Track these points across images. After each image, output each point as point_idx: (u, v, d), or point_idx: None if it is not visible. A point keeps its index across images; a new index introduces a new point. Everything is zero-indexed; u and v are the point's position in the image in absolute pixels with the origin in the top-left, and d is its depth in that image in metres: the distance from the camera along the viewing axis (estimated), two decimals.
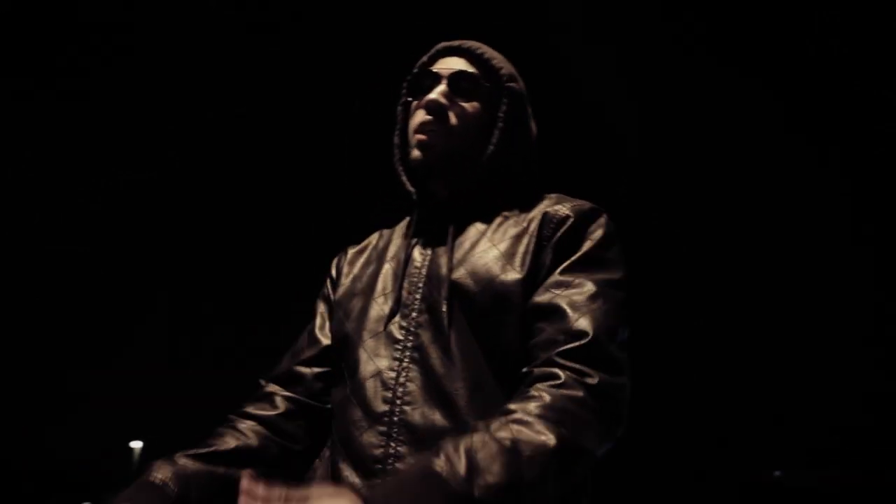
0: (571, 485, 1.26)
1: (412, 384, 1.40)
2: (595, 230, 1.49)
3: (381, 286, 1.54)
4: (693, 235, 2.96)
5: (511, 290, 1.41)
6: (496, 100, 1.59)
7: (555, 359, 1.29)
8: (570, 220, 1.48)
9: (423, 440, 1.33)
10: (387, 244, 1.63)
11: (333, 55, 3.21)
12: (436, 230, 1.55)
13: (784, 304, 3.23)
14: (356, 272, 1.60)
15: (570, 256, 1.44)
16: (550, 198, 1.59)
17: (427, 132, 1.50)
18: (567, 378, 1.27)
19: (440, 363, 1.40)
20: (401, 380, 1.41)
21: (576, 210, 1.51)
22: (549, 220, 1.49)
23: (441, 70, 1.57)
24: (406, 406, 1.40)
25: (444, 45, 1.64)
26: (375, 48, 3.23)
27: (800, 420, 4.99)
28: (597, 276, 1.42)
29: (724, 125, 3.28)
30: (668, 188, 3.12)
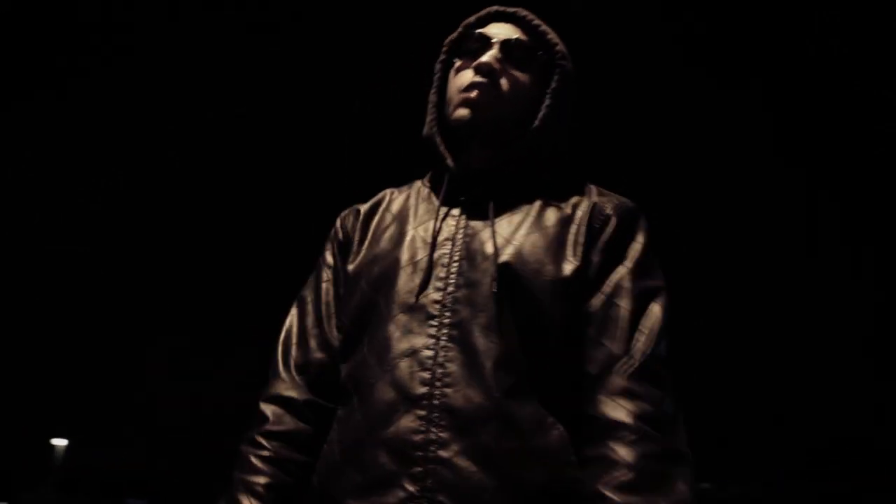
0: None
1: (452, 364, 1.31)
2: (641, 233, 1.45)
3: (409, 254, 1.41)
4: (693, 235, 2.95)
5: (561, 281, 1.35)
6: (547, 75, 1.52)
7: (618, 388, 1.25)
8: (619, 220, 1.42)
9: (465, 425, 1.25)
10: (404, 206, 1.50)
11: (333, 55, 3.21)
12: (470, 201, 1.41)
13: (780, 307, 3.23)
14: (371, 236, 1.46)
15: (622, 260, 1.39)
16: (589, 187, 1.54)
17: (478, 91, 1.39)
18: (637, 428, 1.20)
19: (481, 344, 1.31)
20: (439, 359, 1.31)
21: (623, 209, 1.46)
22: (598, 215, 1.42)
23: (493, 34, 1.49)
24: (447, 388, 1.29)
25: (497, 10, 1.55)
26: (375, 48, 3.23)
27: (737, 431, 4.97)
28: (647, 285, 1.38)
29: (724, 125, 3.28)
30: (667, 189, 3.12)
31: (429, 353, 1.31)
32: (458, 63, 1.52)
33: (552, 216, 1.42)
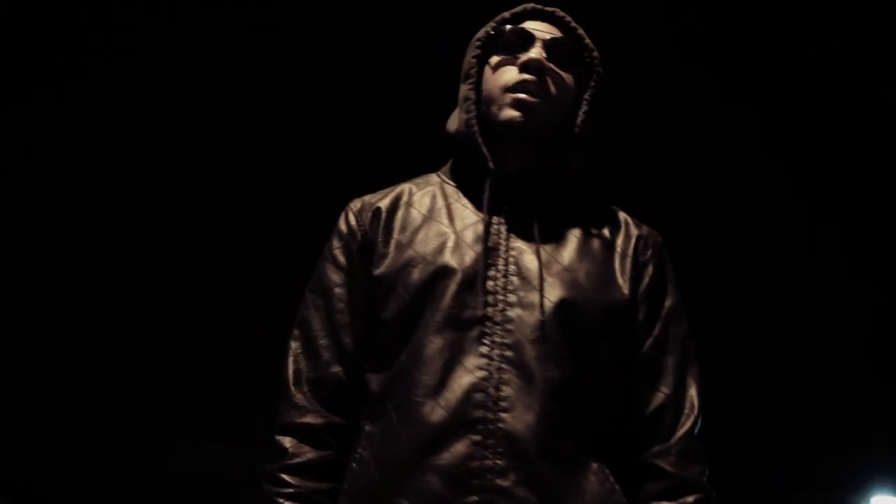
0: None
1: (508, 388, 1.25)
2: (670, 267, 1.51)
3: (455, 262, 1.33)
4: (693, 235, 2.95)
5: (613, 312, 1.35)
6: (582, 78, 1.48)
7: (685, 446, 1.33)
8: (659, 258, 1.48)
9: (523, 453, 1.23)
10: (433, 205, 1.43)
11: (333, 55, 3.21)
12: (510, 208, 1.40)
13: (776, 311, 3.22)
14: (399, 235, 1.38)
15: (663, 300, 1.44)
16: (614, 209, 1.56)
17: (529, 92, 1.37)
18: (707, 489, 1.32)
19: (537, 369, 1.26)
20: (494, 382, 1.25)
21: (660, 245, 1.51)
22: (643, 249, 1.46)
23: (536, 32, 1.45)
24: (503, 413, 1.25)
25: (534, 7, 1.52)
26: (375, 48, 3.23)
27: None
28: (685, 328, 1.45)
29: (724, 125, 3.28)
30: (667, 189, 3.12)
31: (483, 374, 1.25)
32: (497, 59, 1.50)
33: (597, 240, 1.45)
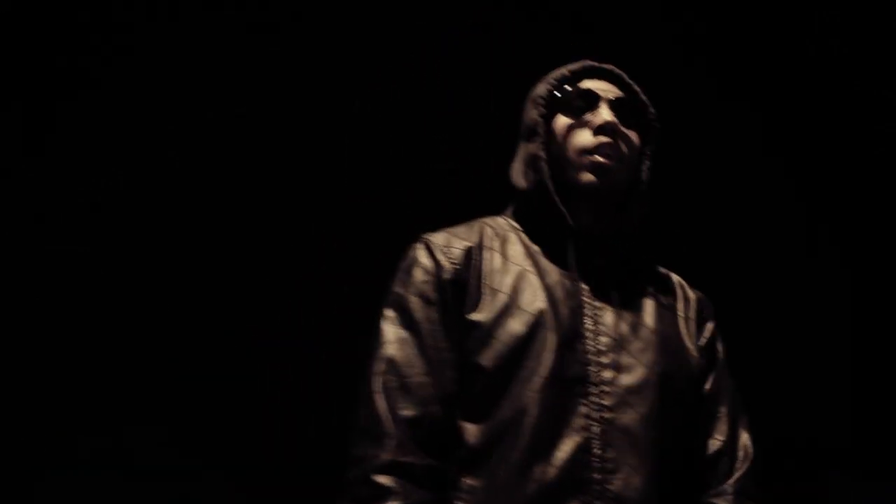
0: None
1: (613, 450, 1.29)
2: (718, 332, 1.59)
3: (551, 316, 1.35)
4: (694, 236, 2.95)
5: (693, 375, 1.45)
6: (643, 136, 1.56)
7: (738, 489, 1.42)
8: (712, 318, 1.58)
9: None
10: (516, 251, 1.44)
11: (333, 55, 3.21)
12: (588, 266, 1.43)
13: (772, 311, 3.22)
14: (489, 279, 1.39)
15: (717, 357, 1.54)
16: (669, 271, 1.67)
17: (606, 155, 1.43)
18: None
19: (640, 432, 1.30)
20: (599, 442, 1.29)
21: (709, 305, 1.61)
22: (699, 310, 1.57)
23: (600, 91, 1.49)
24: (611, 475, 1.28)
25: (591, 66, 1.57)
26: (375, 48, 3.23)
27: None
28: (731, 382, 1.54)
29: (723, 125, 3.28)
30: (667, 189, 3.12)
31: (588, 435, 1.28)
32: (566, 120, 1.54)
33: (664, 302, 1.56)
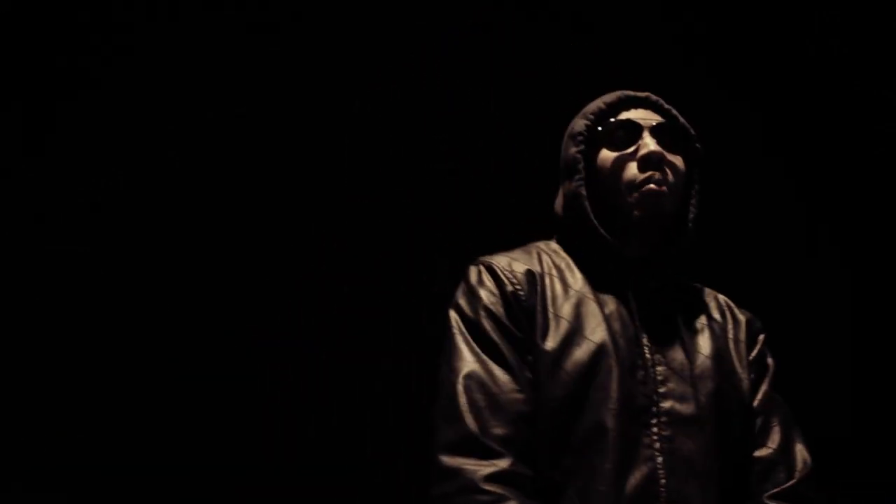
0: None
1: (676, 479, 1.32)
2: (767, 348, 1.62)
3: (612, 346, 1.35)
4: (697, 236, 2.96)
5: (745, 400, 1.46)
6: (687, 158, 1.57)
7: (798, 492, 1.43)
8: (761, 338, 1.60)
9: None
10: (576, 281, 1.44)
11: (333, 55, 3.21)
12: (640, 294, 1.45)
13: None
14: (552, 307, 1.39)
15: (767, 370, 1.55)
16: (716, 293, 1.68)
17: (656, 189, 1.44)
18: None
19: (696, 459, 1.33)
20: (663, 472, 1.31)
21: (759, 327, 1.63)
22: (752, 332, 1.58)
23: (640, 120, 1.49)
24: None
25: (626, 95, 1.56)
26: (375, 48, 3.23)
27: None
28: (782, 399, 1.55)
29: (723, 125, 3.28)
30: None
31: (654, 465, 1.31)
32: (609, 154, 1.53)
33: (715, 327, 1.55)
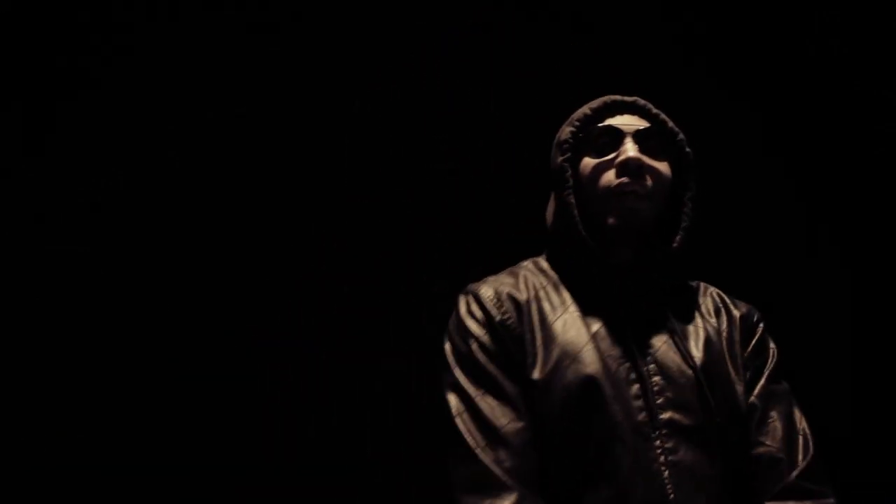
0: None
1: (682, 491, 1.33)
2: (768, 336, 1.60)
3: (601, 364, 1.37)
4: (692, 235, 2.96)
5: (740, 404, 1.44)
6: (675, 163, 1.56)
7: (807, 475, 1.41)
8: (759, 329, 1.57)
9: None
10: (562, 300, 1.45)
11: (333, 55, 3.21)
12: (629, 302, 1.46)
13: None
14: (542, 333, 1.41)
15: (766, 365, 1.52)
16: (711, 288, 1.67)
17: (633, 193, 1.44)
18: None
19: (698, 468, 1.34)
20: (670, 485, 1.32)
21: (757, 315, 1.61)
22: (747, 327, 1.55)
23: (622, 126, 1.48)
24: None
25: (613, 100, 1.55)
26: (375, 48, 3.24)
27: None
28: (784, 387, 1.53)
29: (723, 125, 3.28)
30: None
31: (661, 479, 1.32)
32: (591, 161, 1.52)
33: (710, 328, 1.52)
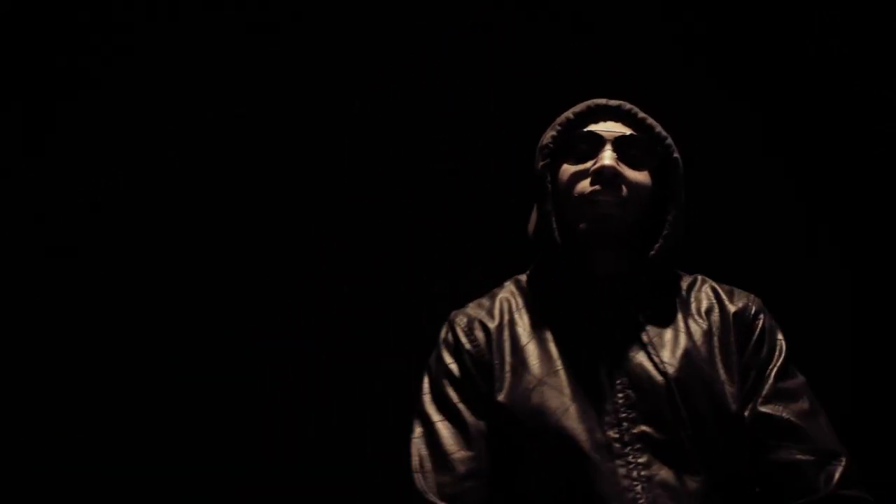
0: None
1: None
2: (774, 326, 1.55)
3: (568, 382, 1.38)
4: (692, 235, 2.96)
5: (727, 410, 1.39)
6: (661, 169, 1.52)
7: (833, 493, 1.36)
8: (759, 322, 1.52)
9: None
10: (536, 320, 1.46)
11: (333, 55, 3.21)
12: (607, 314, 1.45)
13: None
14: (511, 357, 1.42)
15: (771, 362, 1.47)
16: (706, 282, 1.60)
17: (604, 202, 1.42)
18: None
19: (675, 483, 1.31)
20: (643, 501, 1.31)
21: (755, 307, 1.55)
22: (743, 324, 1.50)
23: (603, 132, 1.46)
24: None
25: (597, 104, 1.53)
26: (375, 48, 3.23)
27: None
28: (799, 381, 1.49)
29: (723, 125, 3.28)
30: None
31: (633, 495, 1.30)
32: (568, 167, 1.50)
33: (697, 332, 1.47)
